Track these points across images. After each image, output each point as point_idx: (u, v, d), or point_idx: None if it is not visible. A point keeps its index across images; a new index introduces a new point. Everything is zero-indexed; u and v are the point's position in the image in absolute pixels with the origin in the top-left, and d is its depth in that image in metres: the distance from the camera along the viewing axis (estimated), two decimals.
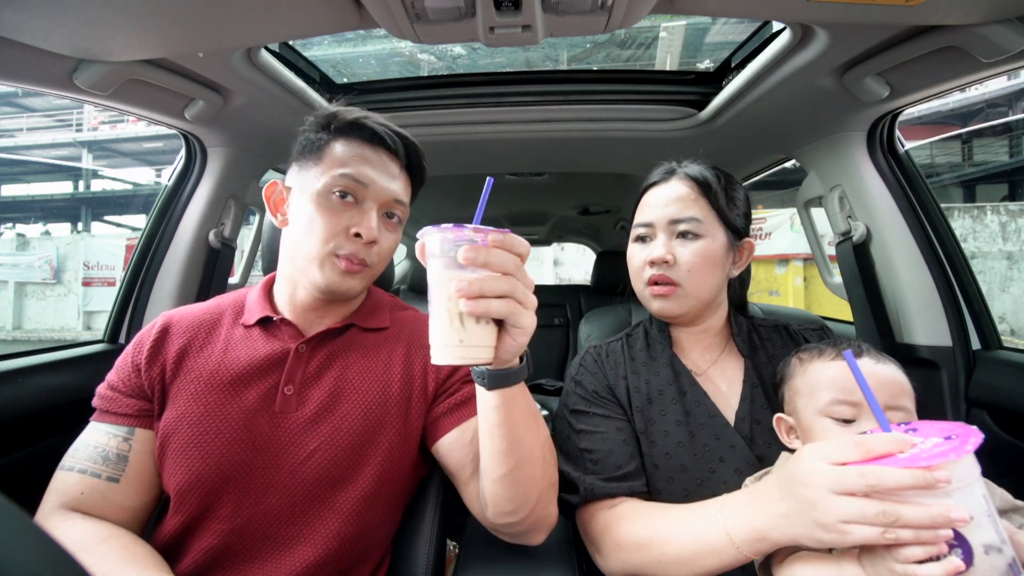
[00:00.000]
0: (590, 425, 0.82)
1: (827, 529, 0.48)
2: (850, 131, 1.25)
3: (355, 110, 0.79)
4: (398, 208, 0.80)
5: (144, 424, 0.74)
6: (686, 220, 0.83)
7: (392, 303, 0.92)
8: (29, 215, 16.74)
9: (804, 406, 0.70)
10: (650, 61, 9.27)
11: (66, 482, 0.70)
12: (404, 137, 0.81)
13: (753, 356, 0.85)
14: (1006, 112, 10.99)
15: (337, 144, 0.76)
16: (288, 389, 0.75)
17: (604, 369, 0.88)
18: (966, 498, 0.45)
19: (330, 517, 0.71)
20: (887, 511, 0.44)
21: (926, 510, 0.44)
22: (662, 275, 0.82)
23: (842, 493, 0.47)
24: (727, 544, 0.59)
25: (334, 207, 0.74)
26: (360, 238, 0.74)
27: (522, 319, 0.53)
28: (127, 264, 1.36)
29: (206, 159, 1.35)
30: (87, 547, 0.64)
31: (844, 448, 0.49)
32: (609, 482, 0.76)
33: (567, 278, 11.15)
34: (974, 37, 0.81)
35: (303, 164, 0.78)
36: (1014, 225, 8.55)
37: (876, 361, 0.69)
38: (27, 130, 16.41)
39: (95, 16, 0.76)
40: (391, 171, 0.79)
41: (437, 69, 8.24)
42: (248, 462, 0.71)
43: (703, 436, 0.77)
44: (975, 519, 0.44)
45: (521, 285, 0.53)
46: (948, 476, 0.43)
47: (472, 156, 1.69)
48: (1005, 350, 1.18)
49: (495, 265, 0.51)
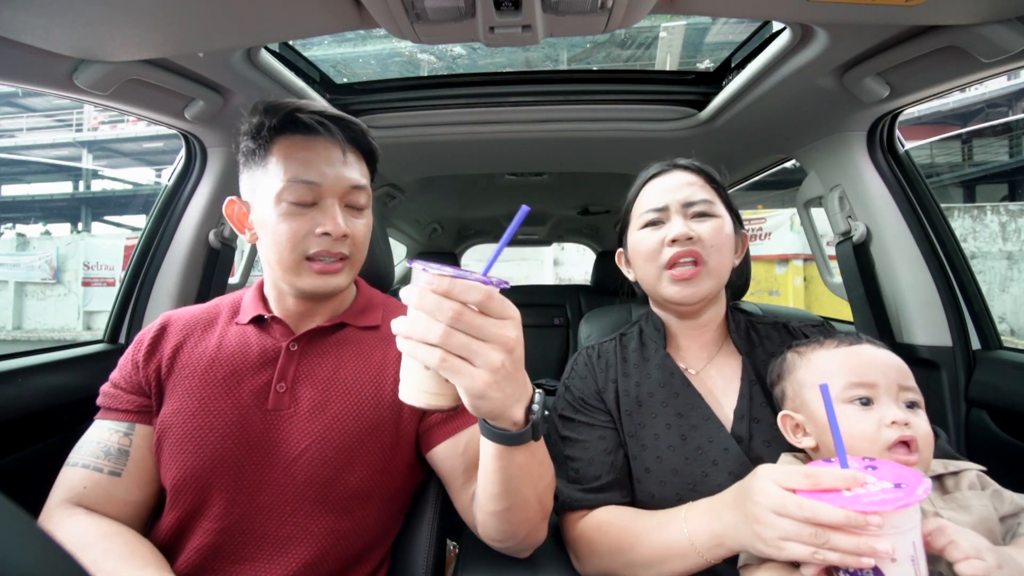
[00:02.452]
0: (574, 432, 0.83)
1: (765, 543, 0.53)
2: (850, 131, 1.25)
3: (282, 104, 0.75)
4: (359, 194, 0.78)
5: (144, 420, 0.75)
6: (700, 202, 0.83)
7: (385, 301, 0.91)
8: (29, 215, 16.73)
9: (815, 398, 0.68)
10: (650, 61, 9.28)
11: (71, 477, 0.71)
12: (338, 119, 0.77)
13: (751, 353, 0.84)
14: (1006, 112, 10.99)
15: (276, 147, 0.74)
16: (280, 386, 0.75)
17: (594, 373, 0.88)
18: (896, 541, 0.48)
19: (322, 516, 0.72)
20: (818, 534, 0.49)
21: (853, 539, 0.48)
22: (688, 250, 0.80)
23: (782, 516, 0.52)
24: (689, 549, 0.63)
25: (293, 213, 0.73)
26: (328, 236, 0.73)
27: (462, 379, 0.48)
28: (127, 264, 1.36)
29: (206, 159, 1.35)
30: (90, 543, 0.64)
31: (795, 477, 0.53)
32: (587, 493, 0.77)
33: (567, 278, 11.15)
34: (974, 37, 0.81)
35: (251, 174, 0.76)
36: (1014, 225, 8.54)
37: (878, 346, 0.69)
38: (27, 130, 16.42)
39: (95, 16, 0.76)
40: (337, 158, 0.75)
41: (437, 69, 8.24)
42: (241, 458, 0.71)
43: (696, 439, 0.76)
44: (897, 560, 0.48)
45: (461, 338, 0.47)
46: (881, 522, 0.47)
47: (472, 156, 1.69)
48: (1005, 350, 1.18)
49: (427, 310, 0.47)
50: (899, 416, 0.62)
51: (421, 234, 3.27)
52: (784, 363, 0.76)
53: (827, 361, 0.70)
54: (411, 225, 3.09)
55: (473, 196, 2.67)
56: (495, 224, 3.33)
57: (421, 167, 1.81)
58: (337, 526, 0.72)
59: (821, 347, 0.72)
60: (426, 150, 1.57)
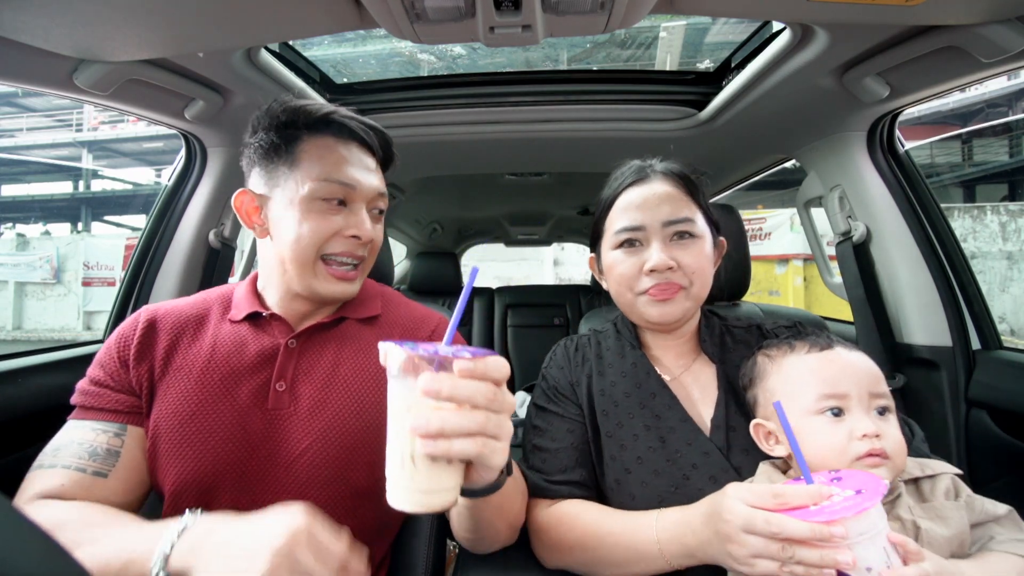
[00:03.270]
0: (544, 423, 0.82)
1: (737, 561, 0.55)
2: (850, 131, 1.25)
3: (322, 106, 0.76)
4: (382, 201, 0.80)
5: (135, 421, 0.72)
6: (682, 221, 0.77)
7: (382, 291, 0.90)
8: (29, 215, 16.73)
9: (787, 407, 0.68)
10: (650, 61, 9.27)
11: (45, 478, 0.64)
12: (375, 128, 0.79)
13: (724, 360, 0.81)
14: (1006, 112, 10.99)
15: (307, 145, 0.73)
16: (280, 385, 0.74)
17: (571, 364, 0.87)
18: (866, 550, 0.50)
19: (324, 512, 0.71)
20: (785, 549, 0.51)
21: (817, 552, 0.50)
22: (669, 282, 0.76)
23: (750, 533, 0.53)
24: (658, 555, 0.64)
25: (321, 212, 0.73)
26: (357, 239, 0.74)
27: (494, 458, 0.46)
28: (127, 264, 1.36)
29: (206, 159, 1.35)
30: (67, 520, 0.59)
31: (763, 497, 0.55)
32: (551, 484, 0.77)
33: (567, 278, 11.14)
34: (974, 37, 0.81)
35: (274, 168, 0.75)
36: (1014, 225, 8.54)
37: (849, 350, 0.68)
38: (27, 130, 16.41)
39: (95, 16, 0.76)
40: (369, 166, 0.77)
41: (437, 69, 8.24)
42: (243, 459, 0.70)
43: (674, 442, 0.74)
44: (872, 569, 0.50)
45: (495, 419, 0.45)
46: (844, 532, 0.49)
47: (472, 156, 1.69)
48: (1005, 350, 1.18)
49: (462, 398, 0.43)
50: (869, 429, 0.61)
51: (421, 234, 3.27)
52: (755, 367, 0.73)
53: (798, 368, 0.68)
54: (411, 225, 3.09)
55: (473, 196, 2.67)
56: (495, 224, 3.33)
57: (421, 167, 1.81)
58: (338, 524, 0.72)
59: (792, 352, 0.70)
60: (426, 150, 1.56)
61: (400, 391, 0.45)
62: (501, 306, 2.84)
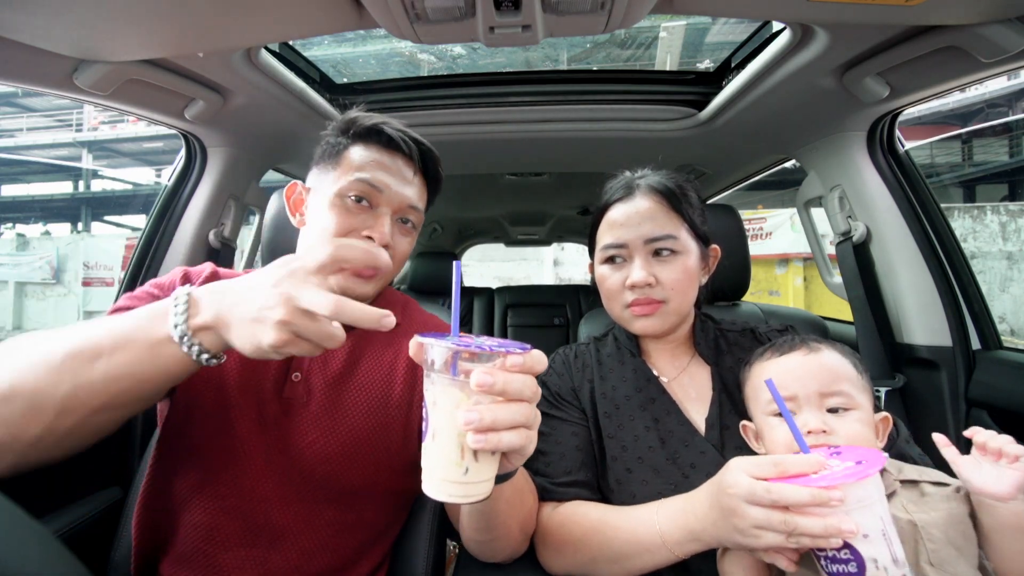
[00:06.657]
0: (547, 427, 0.83)
1: (743, 534, 0.54)
2: (850, 131, 1.25)
3: (374, 116, 0.80)
4: (412, 214, 0.81)
5: None
6: (663, 238, 0.80)
7: (405, 301, 0.91)
8: (29, 215, 16.73)
9: (753, 409, 0.73)
10: (650, 61, 9.27)
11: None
12: (420, 143, 0.81)
13: (718, 362, 0.84)
14: (1006, 112, 10.98)
15: (354, 149, 0.78)
16: (295, 376, 0.76)
17: (571, 371, 0.89)
18: (863, 516, 0.51)
19: (323, 508, 0.72)
20: (787, 520, 0.51)
21: (819, 521, 0.50)
22: (647, 297, 0.80)
23: (753, 504, 0.53)
24: (660, 545, 0.64)
25: (348, 210, 0.75)
26: (371, 241, 0.75)
27: (530, 447, 0.49)
28: (127, 264, 1.36)
29: (206, 159, 1.35)
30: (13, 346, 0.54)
31: (764, 466, 0.55)
32: (557, 486, 0.78)
33: (567, 278, 11.14)
34: (974, 37, 0.81)
35: (322, 168, 0.80)
36: (1014, 225, 8.54)
37: (806, 353, 0.71)
38: (27, 130, 16.41)
39: (95, 16, 0.76)
40: (406, 176, 0.79)
41: (437, 69, 8.24)
42: (253, 439, 0.72)
43: (673, 443, 0.77)
44: (869, 536, 0.51)
45: (535, 410, 0.48)
46: (842, 496, 0.50)
47: (472, 156, 1.69)
48: (1005, 350, 1.18)
49: (513, 392, 0.45)
50: (815, 425, 0.64)
51: (421, 234, 3.25)
52: (742, 372, 0.78)
53: (759, 375, 0.73)
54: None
55: (473, 196, 2.67)
56: (495, 224, 3.32)
57: None
58: (337, 519, 0.73)
59: (760, 359, 0.75)
60: None
61: (444, 385, 0.46)
62: (501, 306, 2.84)
